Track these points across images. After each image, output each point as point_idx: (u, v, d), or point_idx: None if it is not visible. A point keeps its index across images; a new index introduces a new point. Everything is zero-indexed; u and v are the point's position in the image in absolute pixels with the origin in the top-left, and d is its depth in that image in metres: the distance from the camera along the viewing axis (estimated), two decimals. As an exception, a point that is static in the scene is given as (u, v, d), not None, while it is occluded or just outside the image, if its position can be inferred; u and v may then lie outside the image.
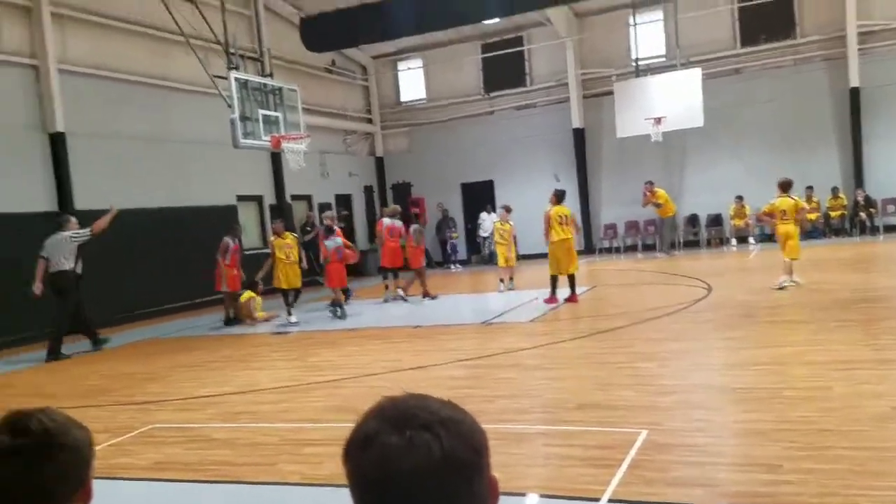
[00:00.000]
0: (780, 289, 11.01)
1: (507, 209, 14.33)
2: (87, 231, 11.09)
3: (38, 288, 10.73)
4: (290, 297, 12.66)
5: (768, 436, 4.72)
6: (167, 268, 15.21)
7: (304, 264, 13.26)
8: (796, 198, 11.59)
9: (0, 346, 12.00)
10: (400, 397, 1.11)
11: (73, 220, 11.35)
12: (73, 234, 11.06)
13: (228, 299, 13.36)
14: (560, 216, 11.85)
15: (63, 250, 10.96)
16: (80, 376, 9.34)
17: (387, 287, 14.49)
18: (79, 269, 11.29)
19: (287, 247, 12.69)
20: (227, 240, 13.32)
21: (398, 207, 15.80)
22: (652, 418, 5.30)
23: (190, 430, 6.18)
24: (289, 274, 12.63)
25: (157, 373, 9.07)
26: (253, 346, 10.86)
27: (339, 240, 12.79)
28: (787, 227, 11.28)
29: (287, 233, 13.12)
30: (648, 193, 18.71)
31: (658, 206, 18.79)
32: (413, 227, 14.72)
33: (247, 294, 13.27)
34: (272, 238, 13.11)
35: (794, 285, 11.09)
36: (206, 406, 7.07)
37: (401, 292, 14.22)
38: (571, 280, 11.79)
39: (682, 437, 4.90)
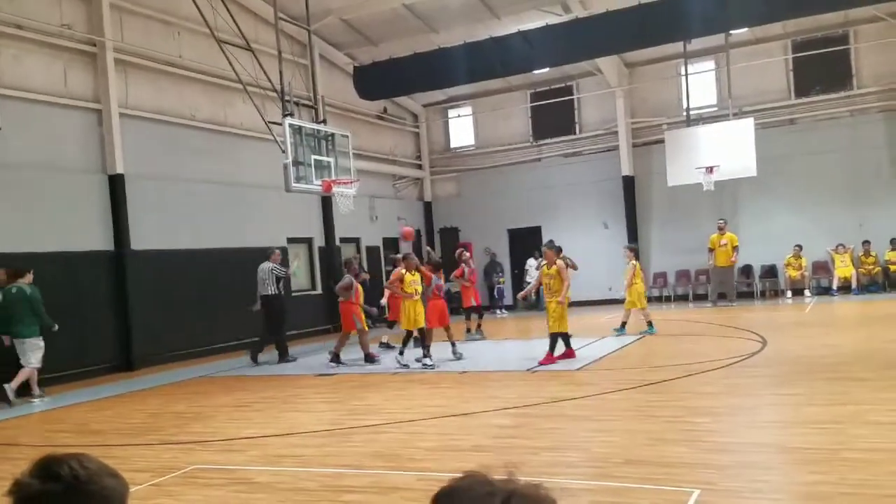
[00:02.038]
0: None
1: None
2: (285, 270, 13.83)
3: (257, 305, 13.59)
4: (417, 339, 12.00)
5: (831, 500, 4.47)
6: (219, 308, 15.42)
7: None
8: None
9: (68, 379, 12.21)
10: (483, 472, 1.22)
11: (277, 252, 13.85)
12: (273, 267, 13.48)
13: (358, 336, 12.76)
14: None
15: (266, 278, 13.49)
16: (127, 414, 9.44)
17: (469, 329, 15.03)
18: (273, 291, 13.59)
19: (415, 283, 11.75)
20: (350, 278, 12.90)
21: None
22: (705, 477, 5.08)
23: (232, 473, 6.15)
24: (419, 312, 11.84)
25: (202, 412, 9.12)
26: (297, 387, 10.86)
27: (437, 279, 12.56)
28: None
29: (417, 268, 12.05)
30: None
31: (735, 249, 18.56)
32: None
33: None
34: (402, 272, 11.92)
35: None
36: (249, 448, 7.05)
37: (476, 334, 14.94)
38: (566, 336, 11.35)
39: (736, 499, 4.67)
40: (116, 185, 13.82)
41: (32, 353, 10.59)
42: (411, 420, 7.76)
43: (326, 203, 18.52)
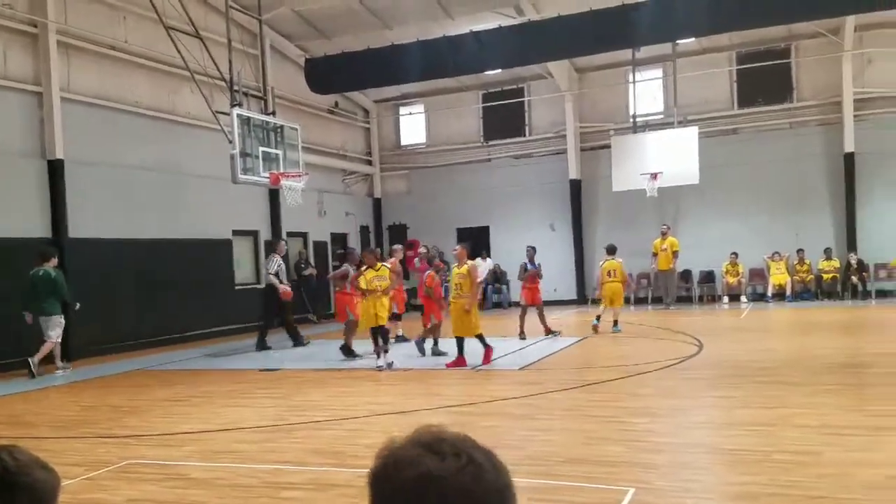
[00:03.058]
0: None
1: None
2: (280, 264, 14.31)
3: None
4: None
5: (759, 500, 4.63)
6: (160, 299, 15.10)
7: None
8: None
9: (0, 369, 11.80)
10: (435, 427, 1.12)
11: (282, 243, 15.02)
12: (275, 260, 14.25)
13: (353, 328, 12.26)
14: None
15: (270, 268, 14.25)
16: (61, 406, 9.19)
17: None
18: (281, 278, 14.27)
19: (378, 279, 11.07)
20: (347, 267, 12.68)
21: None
22: (640, 476, 5.20)
23: (168, 468, 6.05)
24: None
25: (139, 406, 8.92)
26: (238, 381, 10.70)
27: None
28: None
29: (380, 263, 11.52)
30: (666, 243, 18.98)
31: (675, 254, 18.95)
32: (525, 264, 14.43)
33: None
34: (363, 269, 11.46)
35: None
36: (187, 443, 6.93)
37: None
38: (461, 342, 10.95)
39: (670, 498, 4.80)
40: (56, 171, 13.39)
41: (53, 329, 11.77)
42: (354, 417, 7.74)
43: (274, 196, 18.28)
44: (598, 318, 14.39)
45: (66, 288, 11.93)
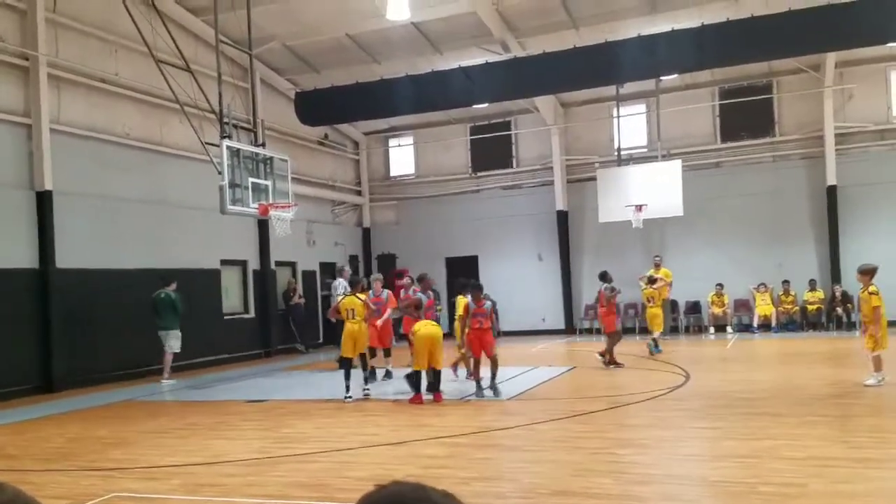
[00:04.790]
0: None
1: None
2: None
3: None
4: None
5: (744, 531, 4.66)
6: (147, 330, 15.00)
7: None
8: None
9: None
10: (399, 485, 1.07)
11: (347, 269, 15.58)
12: (343, 283, 14.25)
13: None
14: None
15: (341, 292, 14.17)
16: (45, 438, 9.09)
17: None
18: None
19: (351, 305, 11.26)
20: (421, 295, 12.30)
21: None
22: (627, 508, 5.23)
23: (152, 501, 6.01)
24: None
25: (125, 438, 8.85)
26: (225, 413, 10.64)
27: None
28: None
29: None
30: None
31: (669, 285, 18.91)
32: (605, 286, 14.17)
33: None
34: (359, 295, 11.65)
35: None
36: (172, 476, 6.88)
37: (598, 357, 13.66)
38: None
39: (657, 529, 4.82)
40: (44, 202, 13.38)
41: (174, 340, 14.22)
42: (342, 449, 7.72)
43: (263, 226, 18.32)
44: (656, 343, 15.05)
45: (181, 308, 14.19)
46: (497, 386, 10.80)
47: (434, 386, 10.62)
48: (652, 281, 15.88)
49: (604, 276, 14.34)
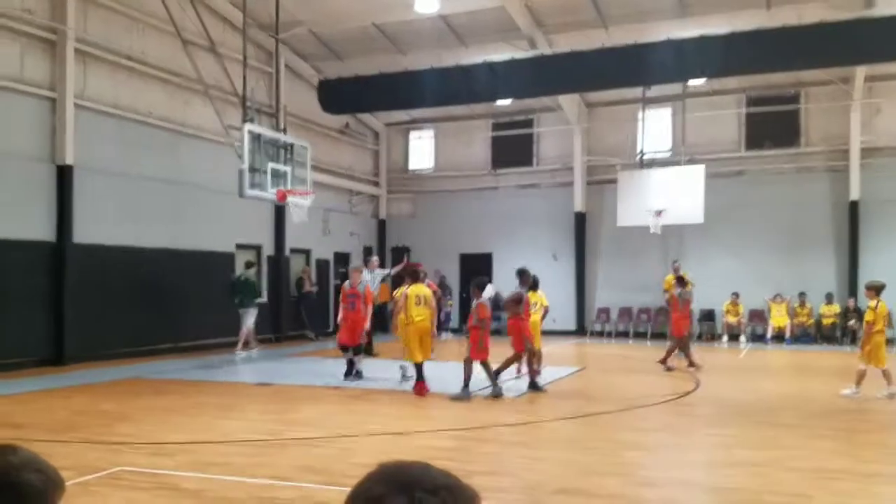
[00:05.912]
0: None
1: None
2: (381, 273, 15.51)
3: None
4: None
5: (748, 539, 4.61)
6: (159, 308, 15.12)
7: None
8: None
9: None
10: (402, 462, 1.13)
11: (374, 259, 15.91)
12: (371, 272, 14.57)
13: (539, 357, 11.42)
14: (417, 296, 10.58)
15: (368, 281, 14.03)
16: (52, 409, 9.17)
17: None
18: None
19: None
20: (522, 291, 11.28)
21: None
22: (631, 510, 5.18)
23: (158, 477, 6.03)
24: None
25: (132, 414, 8.90)
26: (235, 395, 10.68)
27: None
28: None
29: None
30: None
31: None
32: (678, 290, 14.07)
33: None
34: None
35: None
36: (178, 453, 6.91)
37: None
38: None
39: (660, 532, 4.77)
40: (65, 176, 13.49)
41: (251, 317, 15.84)
42: (348, 436, 7.72)
43: (280, 212, 18.38)
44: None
45: (259, 288, 16.03)
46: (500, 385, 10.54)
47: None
48: (682, 283, 15.05)
49: (681, 281, 14.37)
